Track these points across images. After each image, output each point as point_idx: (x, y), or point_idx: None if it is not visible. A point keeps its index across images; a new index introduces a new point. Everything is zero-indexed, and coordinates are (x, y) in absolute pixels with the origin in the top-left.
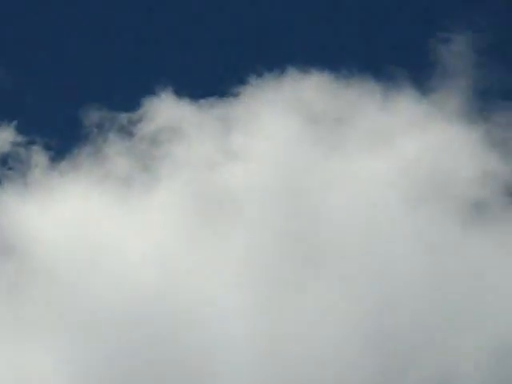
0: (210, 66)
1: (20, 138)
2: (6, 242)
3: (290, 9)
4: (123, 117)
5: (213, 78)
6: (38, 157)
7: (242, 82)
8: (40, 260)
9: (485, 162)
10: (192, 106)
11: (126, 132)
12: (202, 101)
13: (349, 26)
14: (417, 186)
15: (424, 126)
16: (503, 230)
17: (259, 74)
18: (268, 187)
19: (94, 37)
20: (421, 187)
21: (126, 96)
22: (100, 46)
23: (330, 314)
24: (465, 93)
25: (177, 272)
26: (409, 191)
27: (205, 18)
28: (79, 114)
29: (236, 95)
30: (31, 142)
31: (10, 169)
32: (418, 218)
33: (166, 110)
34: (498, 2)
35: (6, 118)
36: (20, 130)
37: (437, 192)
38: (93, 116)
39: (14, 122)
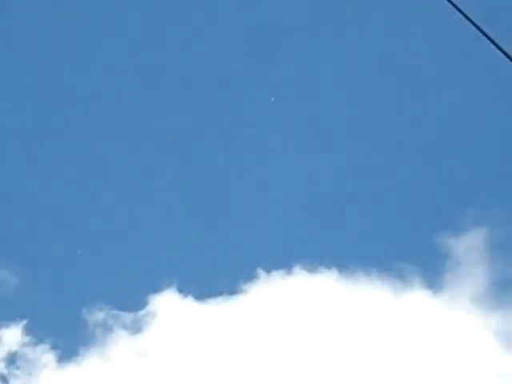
0: (216, 263)
1: (28, 338)
2: None
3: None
4: (128, 316)
5: (218, 274)
6: (46, 357)
7: (249, 279)
8: None
9: (500, 360)
10: (198, 304)
11: (132, 331)
12: (208, 299)
13: (356, 223)
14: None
15: (435, 323)
16: None
17: (267, 271)
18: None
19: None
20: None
21: (131, 294)
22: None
23: None
24: (479, 287)
25: None
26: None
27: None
28: (84, 313)
29: (243, 292)
30: (39, 342)
31: (17, 368)
32: None
33: (171, 308)
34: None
35: (14, 318)
36: (28, 329)
37: None
38: (97, 315)
39: (23, 322)
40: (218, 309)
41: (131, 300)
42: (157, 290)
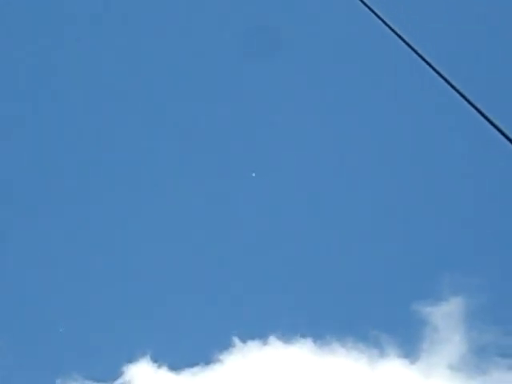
0: (190, 333)
1: None
2: None
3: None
4: None
5: (193, 345)
6: None
7: (224, 348)
8: None
9: None
10: (173, 374)
11: None
12: (183, 369)
13: (330, 292)
14: None
15: None
16: None
17: (243, 341)
18: None
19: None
20: None
21: (105, 365)
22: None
23: None
24: (457, 353)
25: None
26: None
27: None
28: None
29: (218, 362)
30: None
31: None
32: None
33: (146, 378)
34: (488, 264)
35: None
36: None
37: None
38: None
39: None
40: (194, 379)
41: (105, 370)
42: (131, 360)
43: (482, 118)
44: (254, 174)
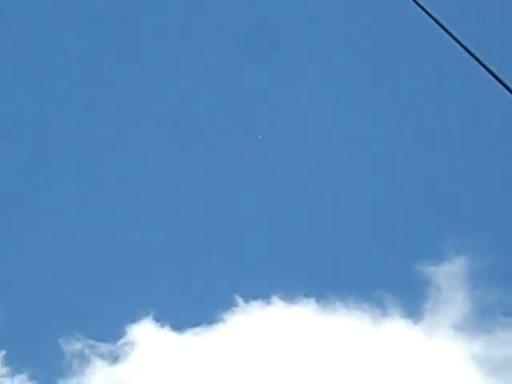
0: (192, 293)
1: (6, 369)
2: None
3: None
4: (104, 346)
5: (196, 304)
6: None
7: (227, 308)
8: None
9: None
10: (176, 334)
11: (110, 361)
12: (186, 329)
13: (333, 252)
14: None
15: (416, 352)
16: None
17: (245, 301)
18: None
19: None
20: None
21: (108, 325)
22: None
23: None
24: (461, 313)
25: None
26: None
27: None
28: (61, 343)
29: (221, 322)
30: (17, 373)
31: None
32: None
33: (149, 338)
34: (492, 224)
35: None
36: (7, 360)
37: None
38: (74, 345)
39: (2, 353)
40: (196, 338)
41: (108, 330)
42: (134, 320)
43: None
44: (260, 136)
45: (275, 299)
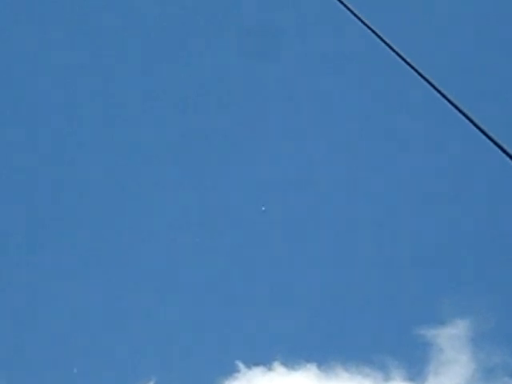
0: (194, 360)
1: None
2: None
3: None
4: None
5: (196, 371)
6: None
7: (228, 374)
8: None
9: None
10: None
11: None
12: None
13: (334, 316)
14: None
15: None
16: None
17: (247, 367)
18: None
19: None
20: None
21: None
22: None
23: None
24: (464, 375)
25: None
26: None
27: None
28: None
29: None
30: None
31: None
32: None
33: None
34: (494, 284)
35: None
36: None
37: None
38: None
39: None
40: None
41: None
42: None
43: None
44: (263, 208)
45: (277, 364)
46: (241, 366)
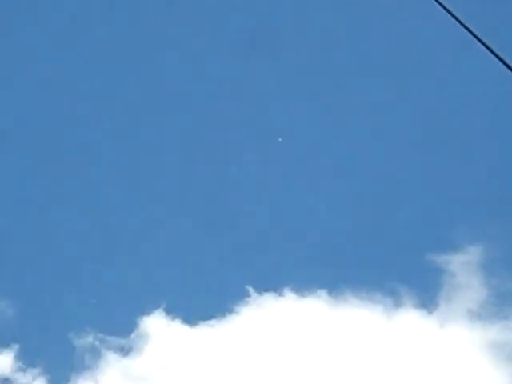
0: (205, 285)
1: (19, 364)
2: None
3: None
4: (116, 339)
5: (207, 297)
6: (37, 382)
7: (239, 299)
8: None
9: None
10: (188, 326)
11: (122, 354)
12: (198, 321)
13: (345, 243)
14: None
15: (432, 341)
16: None
17: (258, 292)
18: None
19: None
20: None
21: (117, 318)
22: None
23: None
24: (476, 300)
25: None
26: None
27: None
28: (72, 337)
29: (233, 314)
30: (30, 367)
31: None
32: None
33: (161, 331)
34: (507, 210)
35: (8, 344)
36: (20, 354)
37: None
38: (86, 339)
39: (16, 347)
40: (209, 331)
41: (119, 323)
42: (145, 313)
43: None
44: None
45: (287, 291)
46: (251, 291)
